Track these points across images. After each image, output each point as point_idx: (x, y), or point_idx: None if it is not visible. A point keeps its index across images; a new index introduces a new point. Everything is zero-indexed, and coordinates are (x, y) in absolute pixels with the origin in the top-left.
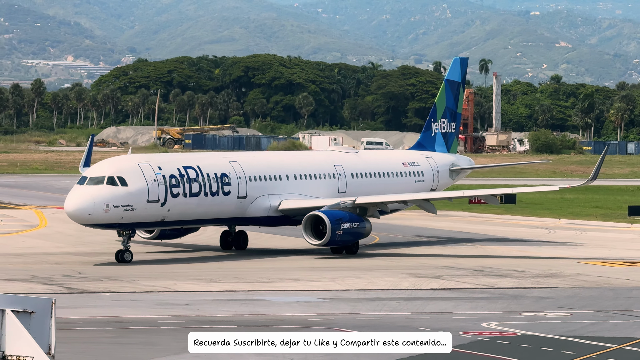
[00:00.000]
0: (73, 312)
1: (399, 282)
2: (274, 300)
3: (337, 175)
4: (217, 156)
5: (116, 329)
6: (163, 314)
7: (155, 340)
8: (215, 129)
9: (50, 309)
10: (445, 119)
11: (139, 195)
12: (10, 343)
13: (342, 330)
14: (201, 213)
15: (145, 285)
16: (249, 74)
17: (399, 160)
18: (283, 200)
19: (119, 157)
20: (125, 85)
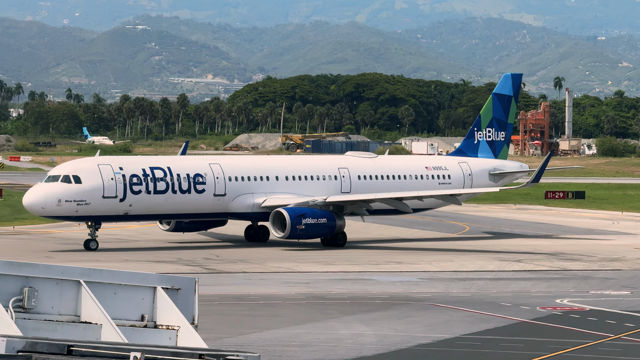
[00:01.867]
0: (212, 289)
1: (486, 264)
2: (380, 280)
3: (339, 177)
4: (197, 159)
5: (248, 303)
6: (287, 291)
7: (280, 313)
8: (330, 135)
9: (194, 286)
10: (491, 129)
11: (93, 191)
12: (161, 315)
13: (438, 305)
14: (172, 208)
15: (272, 266)
16: (359, 89)
17: (422, 164)
18: (268, 198)
19: (82, 159)
20: (255, 99)
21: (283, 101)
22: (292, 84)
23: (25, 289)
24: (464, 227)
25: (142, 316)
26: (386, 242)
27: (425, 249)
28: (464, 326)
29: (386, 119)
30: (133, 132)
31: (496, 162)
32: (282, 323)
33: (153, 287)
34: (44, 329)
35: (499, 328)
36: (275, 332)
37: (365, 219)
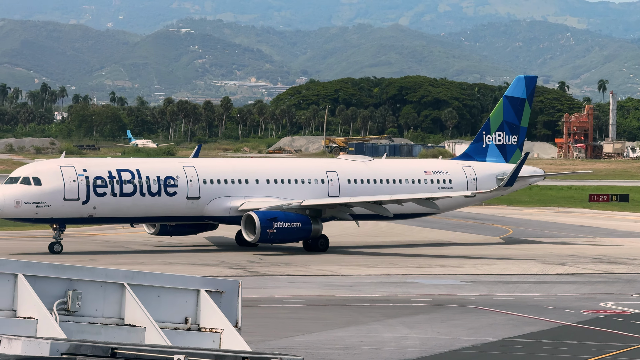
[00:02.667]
0: (255, 292)
1: (529, 267)
2: (423, 283)
3: (327, 180)
4: (170, 161)
5: (291, 306)
6: (330, 294)
7: (323, 316)
8: (374, 138)
9: (238, 289)
10: (502, 132)
11: (53, 193)
12: (204, 318)
13: (481, 308)
14: (140, 211)
15: (315, 269)
16: (403, 92)
17: (421, 168)
18: (246, 202)
19: (45, 161)
20: (299, 102)
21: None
22: (335, 87)
23: (70, 291)
24: (508, 230)
25: (185, 319)
26: (429, 246)
27: (469, 252)
28: (507, 329)
29: (429, 121)
30: (176, 135)
31: (505, 167)
32: (325, 326)
33: (196, 290)
34: (88, 331)
35: (543, 331)
36: (319, 335)
37: (400, 222)
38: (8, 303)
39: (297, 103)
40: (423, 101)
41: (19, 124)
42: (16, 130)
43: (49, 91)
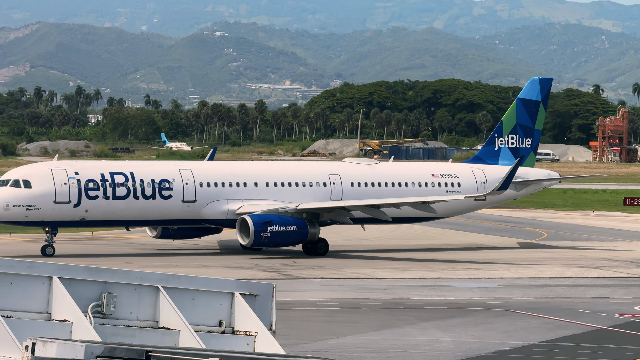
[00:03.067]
0: (289, 295)
1: (564, 271)
2: (457, 286)
3: (329, 184)
4: (166, 164)
5: (325, 309)
6: (364, 297)
7: (358, 319)
8: (408, 141)
9: (272, 292)
10: (515, 135)
11: (44, 196)
12: (238, 321)
13: (515, 312)
14: (134, 214)
15: (349, 272)
16: (437, 95)
17: (429, 172)
18: (244, 205)
19: (36, 163)
20: (333, 105)
21: (360, 107)
22: (370, 90)
23: (104, 294)
24: (542, 234)
25: (220, 322)
26: (463, 250)
27: (503, 256)
28: (541, 333)
29: (464, 125)
30: (211, 138)
31: (519, 170)
32: (359, 329)
33: (231, 293)
34: (122, 334)
35: (577, 335)
36: (353, 338)
37: (432, 225)
38: (43, 306)
39: (331, 106)
40: (457, 104)
41: (53, 127)
42: (51, 133)
43: (83, 94)
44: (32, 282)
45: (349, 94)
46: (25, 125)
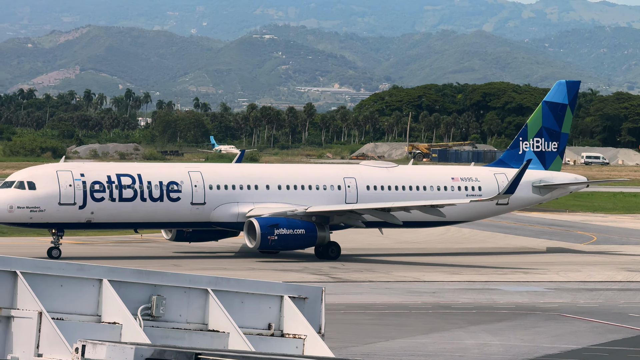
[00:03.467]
0: (338, 298)
1: (614, 275)
2: (506, 290)
3: (344, 187)
4: (175, 166)
5: (374, 312)
6: (413, 300)
7: (406, 322)
8: (457, 144)
9: (321, 295)
10: (540, 138)
11: (48, 198)
12: (287, 324)
13: (565, 316)
14: (142, 217)
15: (398, 275)
16: (486, 98)
17: (449, 175)
18: (255, 208)
19: (42, 165)
20: (382, 108)
21: (409, 110)
22: (419, 93)
23: (154, 297)
24: (592, 237)
25: (269, 325)
26: (512, 253)
27: (552, 259)
28: (591, 337)
29: (513, 128)
30: (260, 141)
31: (543, 174)
32: (408, 332)
33: (280, 296)
34: (172, 337)
35: (627, 339)
36: (402, 341)
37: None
38: (93, 308)
39: (380, 109)
40: (507, 107)
41: (103, 130)
42: (100, 136)
43: (133, 97)
44: (82, 285)
45: (398, 97)
46: (75, 128)
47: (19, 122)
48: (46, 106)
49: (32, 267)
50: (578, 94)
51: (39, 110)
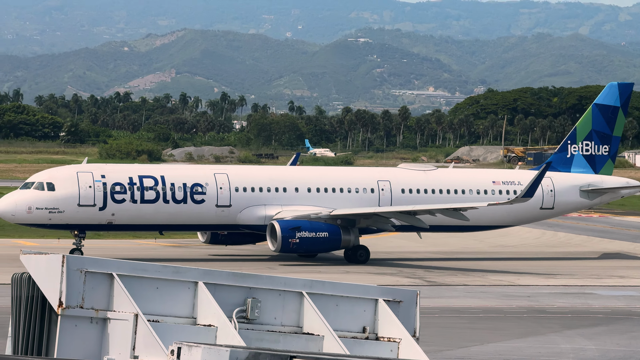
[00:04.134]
0: (432, 302)
1: None
2: (602, 294)
3: (377, 190)
4: (200, 168)
5: (468, 316)
6: (508, 304)
7: (501, 326)
8: (552, 148)
9: (416, 299)
10: (590, 142)
11: (67, 199)
12: (382, 327)
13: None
14: (164, 219)
15: (493, 279)
16: (583, 102)
17: (490, 178)
18: (283, 210)
19: (63, 167)
20: (477, 111)
21: (504, 113)
22: (514, 97)
23: (249, 299)
24: None
25: (363, 328)
26: (608, 258)
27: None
28: None
29: None
30: (354, 144)
31: (592, 178)
32: (503, 336)
33: (375, 299)
34: (266, 339)
35: None
36: (496, 345)
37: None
38: (188, 311)
39: (475, 112)
40: None
41: (198, 133)
42: (195, 139)
43: (228, 100)
44: (178, 287)
45: (493, 100)
46: (171, 131)
47: (115, 125)
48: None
49: (129, 270)
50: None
51: (135, 113)
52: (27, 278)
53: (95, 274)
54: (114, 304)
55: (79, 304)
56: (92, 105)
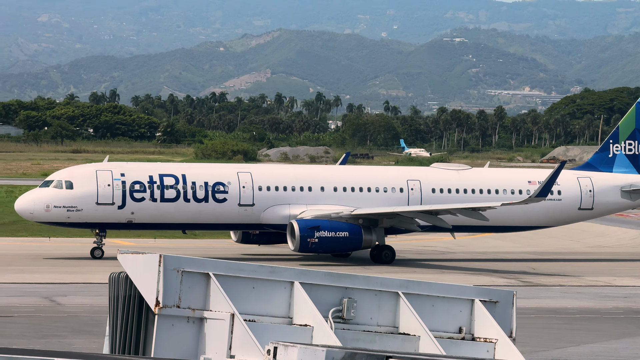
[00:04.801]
0: (528, 302)
1: None
2: None
3: (407, 189)
4: (223, 167)
5: (564, 316)
6: (604, 305)
7: (598, 327)
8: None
9: (512, 299)
10: (633, 141)
11: (85, 197)
12: (478, 327)
13: None
14: (185, 218)
15: (589, 280)
16: None
17: (525, 178)
18: (307, 210)
19: (84, 165)
20: (573, 111)
21: (601, 113)
22: (611, 97)
23: (345, 299)
24: None
25: (459, 328)
26: None
27: None
28: None
29: None
30: (449, 144)
31: (634, 178)
32: (599, 337)
33: (471, 299)
34: (362, 339)
35: None
36: (593, 346)
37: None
38: (284, 310)
39: (571, 112)
40: None
41: (293, 133)
42: (291, 139)
43: (323, 100)
44: (274, 287)
45: (590, 100)
46: (266, 131)
47: (211, 125)
48: (238, 109)
49: (225, 269)
50: None
51: (231, 113)
52: (124, 277)
53: (192, 274)
54: (210, 304)
55: (176, 304)
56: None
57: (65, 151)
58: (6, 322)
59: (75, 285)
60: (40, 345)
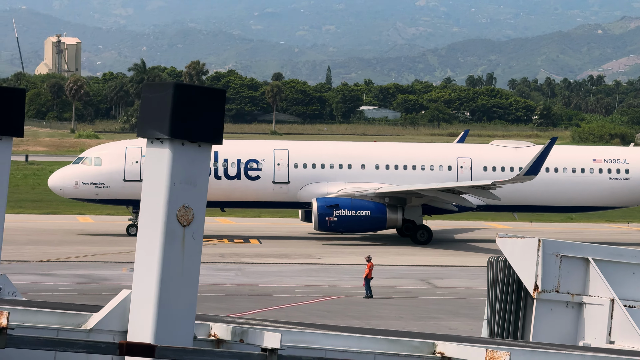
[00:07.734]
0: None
1: None
2: None
3: (455, 167)
4: (258, 144)
5: None
6: None
7: None
8: None
9: None
10: None
11: (112, 174)
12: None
13: None
14: (217, 195)
15: None
16: None
17: (590, 156)
18: (346, 187)
19: (115, 142)
20: None
21: None
22: None
23: None
24: None
25: None
26: None
27: None
28: None
29: None
30: None
31: None
32: None
33: None
34: None
35: None
36: None
37: None
38: None
39: None
40: None
41: None
42: None
43: None
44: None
45: None
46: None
47: (587, 108)
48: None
49: (605, 255)
50: None
51: (608, 96)
52: (502, 261)
53: (571, 259)
54: (589, 289)
55: (555, 288)
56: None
57: (441, 134)
58: (384, 303)
59: (452, 267)
60: (418, 327)
